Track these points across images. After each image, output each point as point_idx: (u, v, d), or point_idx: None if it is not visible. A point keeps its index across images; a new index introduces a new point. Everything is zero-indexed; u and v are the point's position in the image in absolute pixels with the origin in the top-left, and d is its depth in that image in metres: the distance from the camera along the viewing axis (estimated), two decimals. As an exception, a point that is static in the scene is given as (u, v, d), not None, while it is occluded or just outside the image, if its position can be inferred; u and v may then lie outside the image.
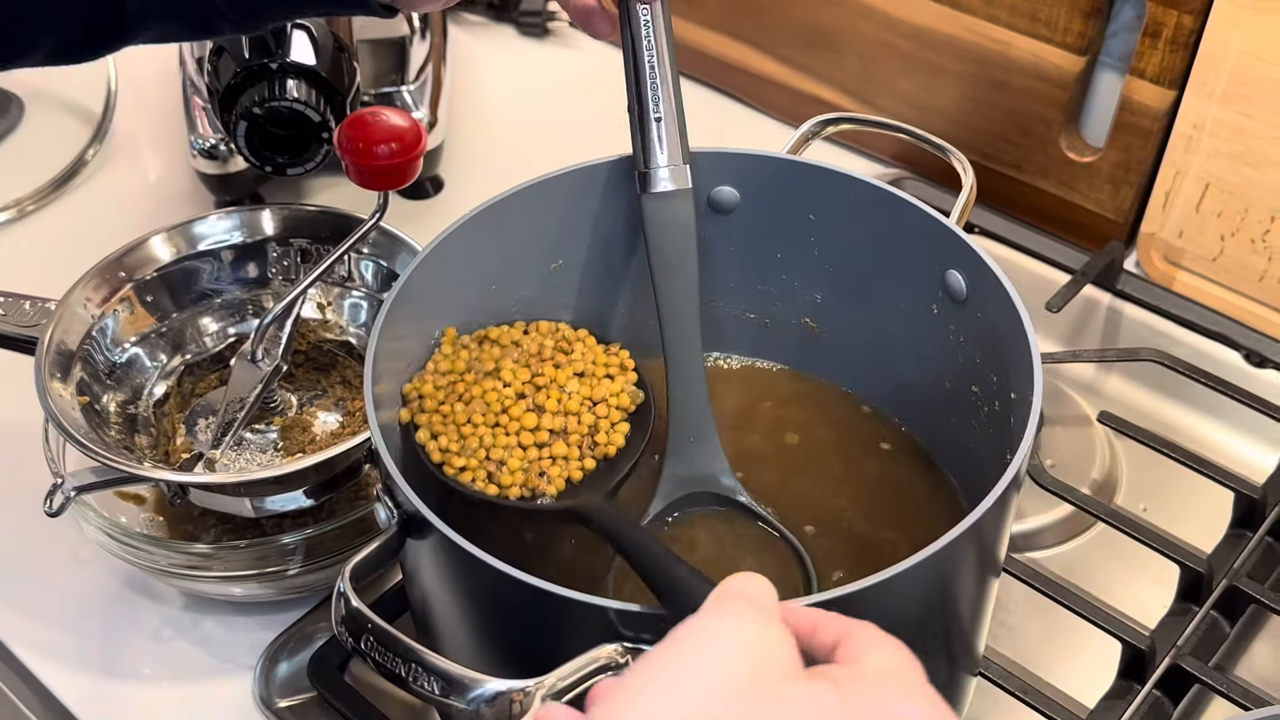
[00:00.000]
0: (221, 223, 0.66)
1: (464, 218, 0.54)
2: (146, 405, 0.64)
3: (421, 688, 0.40)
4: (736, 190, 0.57)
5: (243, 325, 0.67)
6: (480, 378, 0.52)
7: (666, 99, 0.52)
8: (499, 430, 0.51)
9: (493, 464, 0.50)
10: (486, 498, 0.49)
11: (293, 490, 0.60)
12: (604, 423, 0.51)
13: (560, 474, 0.50)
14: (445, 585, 0.47)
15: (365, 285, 0.67)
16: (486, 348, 0.53)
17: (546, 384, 0.52)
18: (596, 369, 0.53)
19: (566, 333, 0.54)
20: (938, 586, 0.46)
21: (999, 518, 0.47)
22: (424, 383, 0.52)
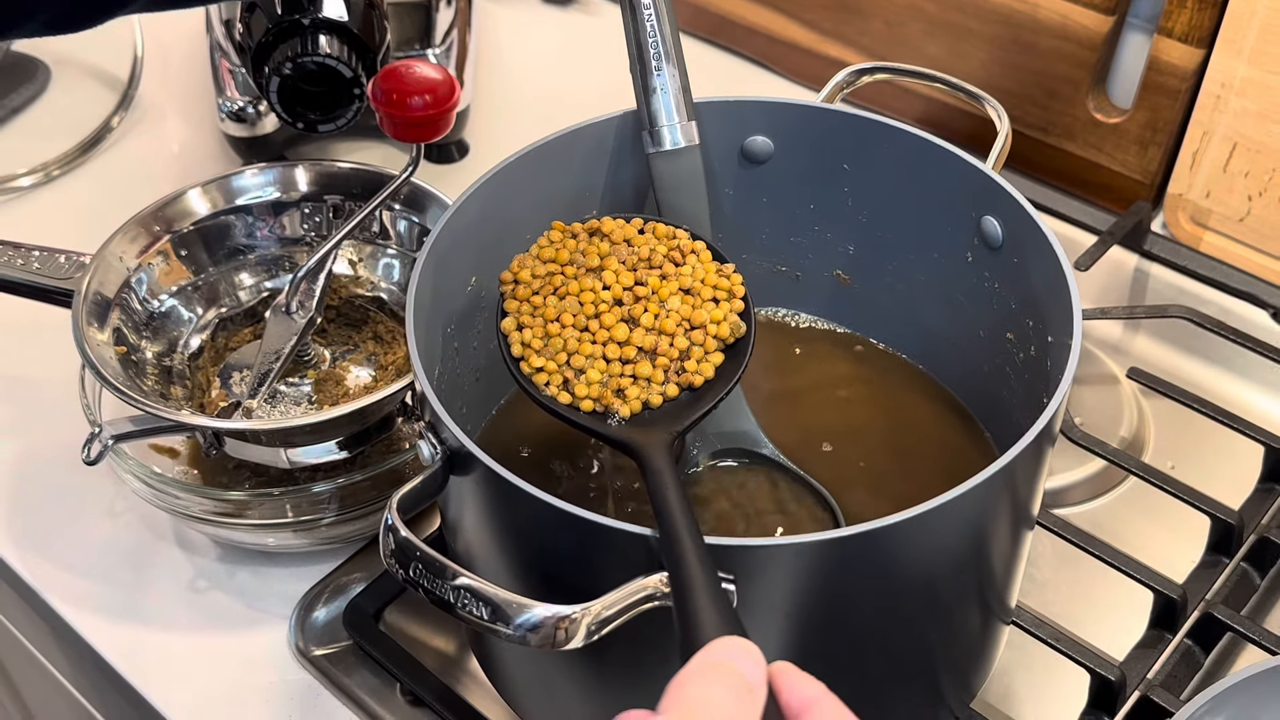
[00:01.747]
0: (256, 178, 0.66)
1: (501, 164, 0.55)
2: (182, 358, 0.64)
3: (470, 614, 0.41)
4: (770, 140, 0.58)
5: (276, 281, 0.67)
6: (581, 274, 0.49)
7: (667, 55, 0.52)
8: (586, 336, 0.48)
9: (571, 371, 0.48)
10: (558, 406, 0.48)
11: (327, 440, 0.61)
12: (697, 350, 0.48)
13: (638, 395, 0.48)
14: (487, 521, 0.47)
15: (398, 241, 0.68)
16: (595, 241, 0.51)
17: (647, 295, 0.49)
18: (703, 289, 0.49)
19: (683, 241, 0.51)
20: (971, 533, 0.47)
21: (1034, 462, 0.48)
22: (523, 268, 0.50)
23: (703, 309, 0.49)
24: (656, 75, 0.52)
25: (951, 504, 0.43)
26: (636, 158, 0.58)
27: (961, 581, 0.48)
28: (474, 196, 0.54)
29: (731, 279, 0.50)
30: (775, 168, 0.59)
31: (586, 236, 0.51)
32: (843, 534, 0.42)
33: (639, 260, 0.50)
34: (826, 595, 0.44)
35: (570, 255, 0.50)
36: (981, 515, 0.46)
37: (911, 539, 0.44)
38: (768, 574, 0.43)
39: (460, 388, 0.57)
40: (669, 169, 0.53)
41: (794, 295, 0.63)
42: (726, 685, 0.34)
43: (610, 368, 0.48)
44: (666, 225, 0.51)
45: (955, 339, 0.58)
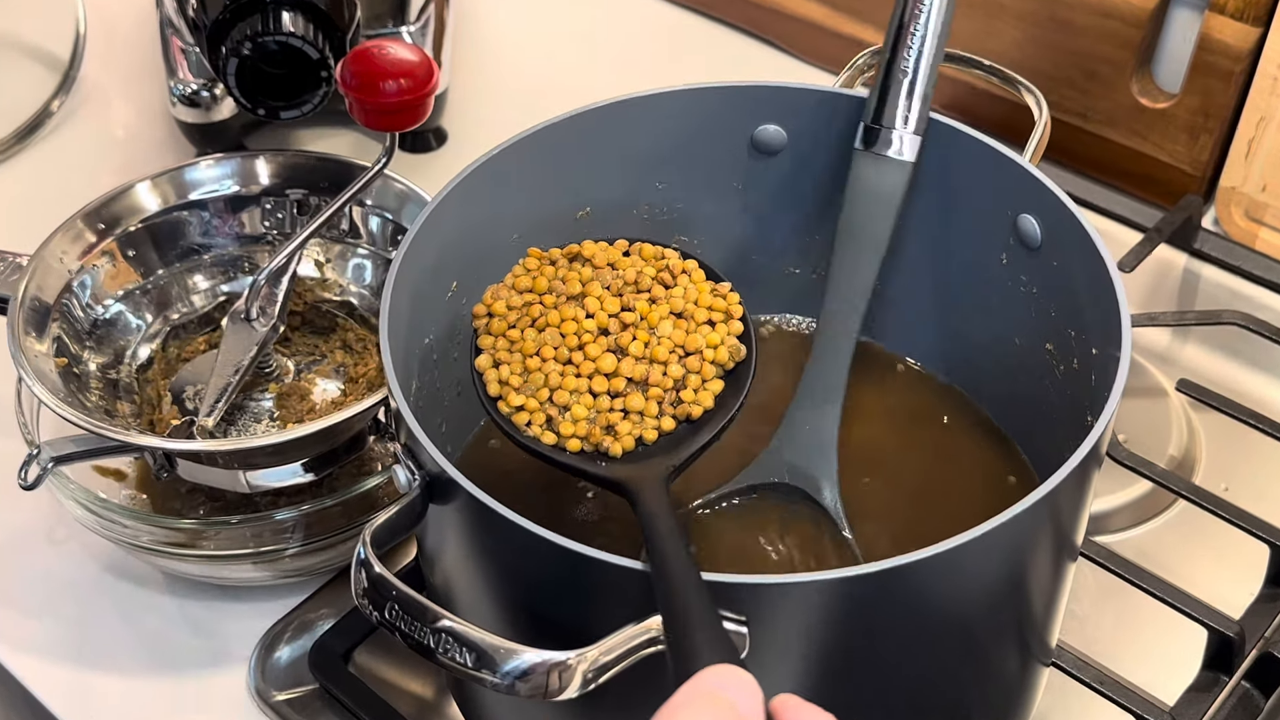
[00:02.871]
0: (212, 170, 0.66)
1: (486, 156, 0.54)
2: (129, 370, 0.64)
3: (452, 660, 0.40)
4: (783, 129, 0.58)
5: (234, 284, 0.67)
6: (561, 302, 0.49)
7: (926, 55, 0.51)
8: (570, 370, 0.48)
9: (555, 408, 0.48)
10: (541, 448, 0.48)
11: (292, 462, 0.60)
12: (693, 378, 0.48)
13: (630, 431, 0.48)
14: (471, 555, 0.47)
15: (370, 240, 0.67)
16: (576, 267, 0.51)
17: (635, 322, 0.49)
18: (697, 311, 0.49)
19: (672, 261, 0.51)
20: (1008, 568, 0.46)
21: (1078, 488, 0.47)
22: (496, 299, 0.50)
23: (697, 333, 0.49)
24: (906, 66, 0.51)
25: (986, 537, 0.42)
26: (635, 148, 0.57)
27: (998, 621, 0.48)
28: (456, 191, 0.53)
29: (728, 299, 0.50)
30: (787, 160, 0.58)
31: (566, 262, 0.51)
32: (866, 571, 0.41)
33: (624, 284, 0.50)
34: (848, 638, 0.44)
35: (549, 283, 0.50)
36: (1020, 548, 0.46)
37: (942, 576, 0.44)
38: (783, 615, 0.42)
39: (440, 403, 0.57)
40: (874, 177, 0.52)
41: (810, 301, 0.62)
42: (716, 716, 0.33)
43: (598, 402, 0.48)
44: (654, 246, 0.51)
45: (988, 350, 0.58)
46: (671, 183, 0.59)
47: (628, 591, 0.42)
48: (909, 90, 0.52)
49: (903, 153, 0.53)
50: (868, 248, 0.53)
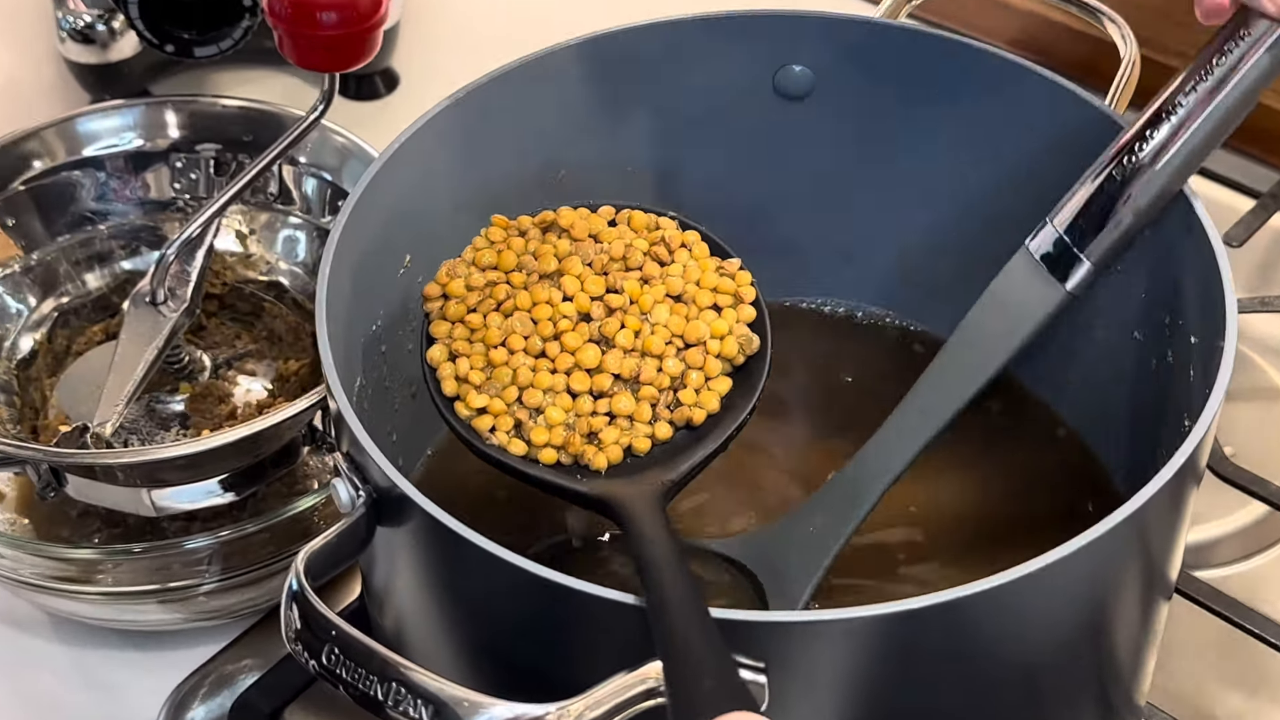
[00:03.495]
0: (110, 120, 0.67)
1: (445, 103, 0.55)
2: (7, 366, 0.64)
3: (405, 715, 0.41)
4: (811, 69, 0.58)
5: (137, 260, 0.68)
6: (533, 282, 0.49)
7: (1162, 181, 0.49)
8: (543, 364, 0.48)
9: (525, 411, 0.48)
10: (508, 459, 0.48)
11: (207, 478, 0.61)
12: (694, 375, 0.48)
13: (617, 440, 0.48)
14: (427, 588, 0.47)
15: (304, 207, 0.68)
16: (551, 239, 0.50)
17: (623, 306, 0.49)
18: (700, 294, 0.49)
19: (669, 233, 0.50)
20: (1086, 604, 0.47)
21: (1172, 508, 0.48)
22: (453, 278, 0.50)
23: (700, 320, 0.49)
24: (1133, 195, 0.50)
25: (1058, 567, 0.43)
26: (627, 93, 0.58)
27: (1072, 671, 0.48)
28: (409, 146, 0.54)
29: (737, 279, 0.50)
30: (817, 107, 0.59)
31: (538, 233, 0.51)
32: (914, 606, 0.42)
33: (610, 261, 0.50)
34: (889, 689, 0.44)
35: (517, 258, 0.50)
36: (1100, 581, 0.46)
37: (1005, 614, 0.44)
38: (810, 660, 0.43)
39: (390, 405, 0.57)
40: (1023, 287, 0.52)
41: (840, 280, 0.63)
42: None
43: (578, 404, 0.48)
44: (647, 213, 0.51)
45: (1063, 341, 0.58)
46: (671, 137, 0.60)
47: (620, 632, 0.43)
48: (1119, 222, 0.51)
49: (1070, 283, 0.52)
50: (982, 362, 0.53)
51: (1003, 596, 0.42)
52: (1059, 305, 0.52)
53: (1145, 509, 0.44)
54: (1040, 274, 0.51)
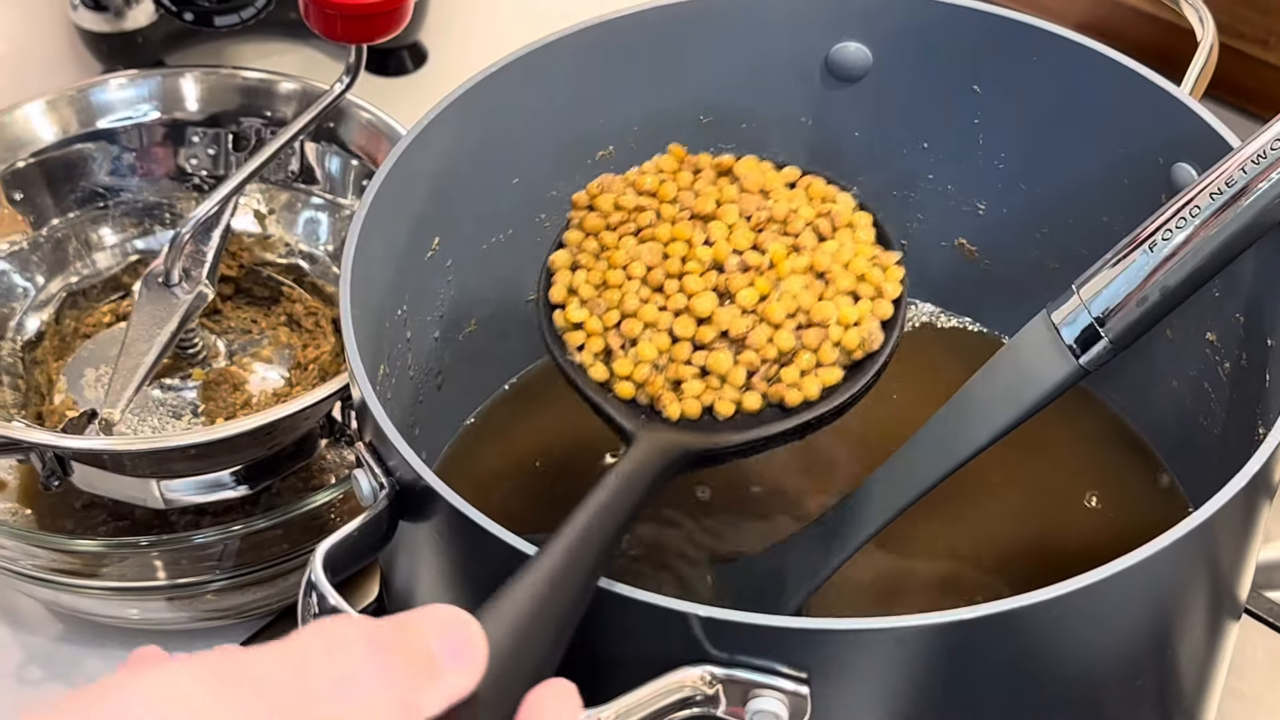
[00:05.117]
0: (126, 91, 0.67)
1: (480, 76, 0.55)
2: (12, 347, 0.65)
3: (428, 716, 0.41)
4: (867, 48, 0.58)
5: (149, 239, 0.68)
6: (682, 217, 0.49)
7: (1193, 260, 0.49)
8: (656, 298, 0.48)
9: (619, 338, 0.48)
10: (585, 382, 0.48)
11: (219, 469, 0.61)
12: (806, 356, 0.48)
13: (699, 395, 0.48)
14: (452, 587, 0.47)
15: (326, 186, 0.68)
16: (721, 183, 0.51)
17: (760, 266, 0.48)
18: (842, 276, 0.49)
19: (840, 209, 0.50)
20: (1148, 622, 0.47)
21: (1243, 522, 0.48)
22: (605, 192, 0.50)
23: (832, 302, 0.48)
24: (1166, 278, 0.49)
25: (1121, 579, 0.43)
26: (670, 70, 0.58)
27: (1132, 689, 0.48)
28: (440, 122, 0.54)
29: (888, 272, 0.50)
30: (873, 88, 0.59)
31: (713, 175, 0.51)
32: (966, 616, 0.42)
33: (770, 219, 0.50)
34: (937, 702, 0.45)
35: (677, 191, 0.50)
36: (1165, 597, 0.46)
37: (1062, 627, 0.44)
38: (856, 670, 0.43)
39: (414, 397, 0.58)
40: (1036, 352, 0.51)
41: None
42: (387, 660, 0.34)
43: (675, 349, 0.48)
44: (829, 184, 0.51)
45: (1130, 341, 0.58)
46: (719, 116, 0.60)
47: (653, 636, 0.43)
48: (1145, 299, 0.50)
49: (1085, 358, 0.51)
50: (975, 429, 0.52)
51: (1061, 609, 0.42)
52: (1069, 378, 0.51)
53: (1213, 522, 0.44)
54: (1056, 343, 0.51)
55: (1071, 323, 0.51)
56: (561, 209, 0.60)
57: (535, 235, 0.60)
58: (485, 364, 0.62)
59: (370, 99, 0.67)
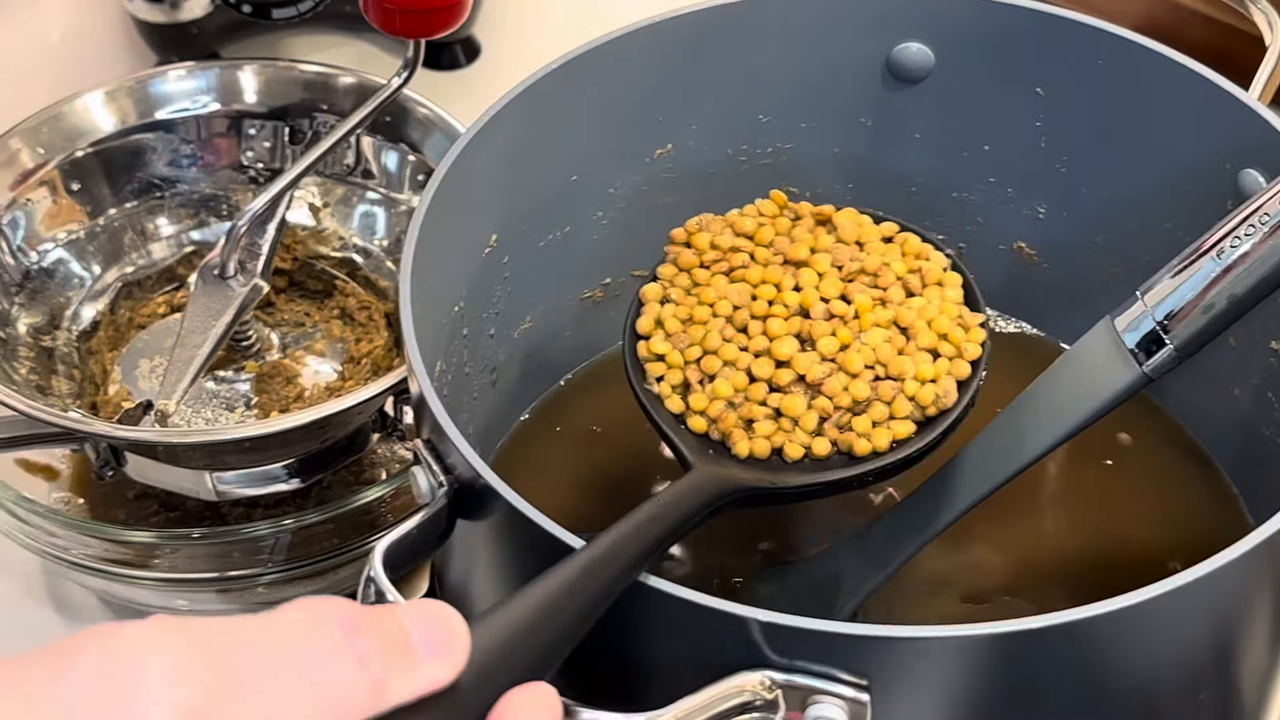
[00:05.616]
0: (185, 83, 0.67)
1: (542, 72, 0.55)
2: (68, 336, 0.65)
3: (486, 717, 0.41)
4: (929, 49, 0.58)
5: (205, 231, 0.68)
6: (775, 261, 0.51)
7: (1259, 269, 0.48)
8: (739, 338, 0.50)
9: (698, 373, 0.49)
10: (660, 413, 0.50)
11: (272, 462, 0.61)
12: (879, 408, 0.49)
13: (769, 436, 0.49)
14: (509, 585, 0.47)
15: (383, 181, 0.68)
16: (818, 230, 0.52)
17: (845, 315, 0.49)
18: (923, 332, 0.49)
19: (933, 267, 0.51)
20: (1211, 636, 0.47)
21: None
22: (702, 230, 0.52)
23: (911, 357, 0.49)
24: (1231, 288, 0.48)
25: (1185, 591, 0.42)
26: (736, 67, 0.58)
27: (1194, 705, 0.48)
28: (500, 119, 0.54)
29: (970, 333, 0.50)
30: (934, 89, 0.59)
31: (811, 222, 0.52)
32: (1029, 626, 0.42)
33: (861, 270, 0.51)
34: (999, 713, 0.45)
35: (773, 236, 0.52)
36: (1228, 610, 0.46)
37: (1125, 639, 0.44)
38: (917, 678, 0.43)
39: (468, 393, 0.58)
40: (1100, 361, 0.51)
41: (954, 276, 0.63)
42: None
43: (751, 389, 0.49)
44: (924, 241, 0.52)
45: (1191, 349, 0.58)
46: (778, 115, 0.60)
47: (713, 639, 0.43)
48: (1211, 307, 0.49)
49: (1149, 365, 0.50)
50: (1038, 435, 0.51)
51: (1124, 620, 0.42)
52: (1131, 386, 0.50)
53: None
54: (1119, 349, 0.50)
55: (1135, 329, 0.50)
56: (618, 206, 0.60)
57: (593, 233, 0.60)
58: (540, 361, 0.62)
59: (422, 93, 0.67)
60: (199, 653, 0.33)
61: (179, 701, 0.32)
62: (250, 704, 0.33)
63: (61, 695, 0.32)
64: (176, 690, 0.32)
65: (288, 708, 0.33)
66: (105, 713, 0.32)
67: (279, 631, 0.34)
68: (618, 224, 0.60)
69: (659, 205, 0.60)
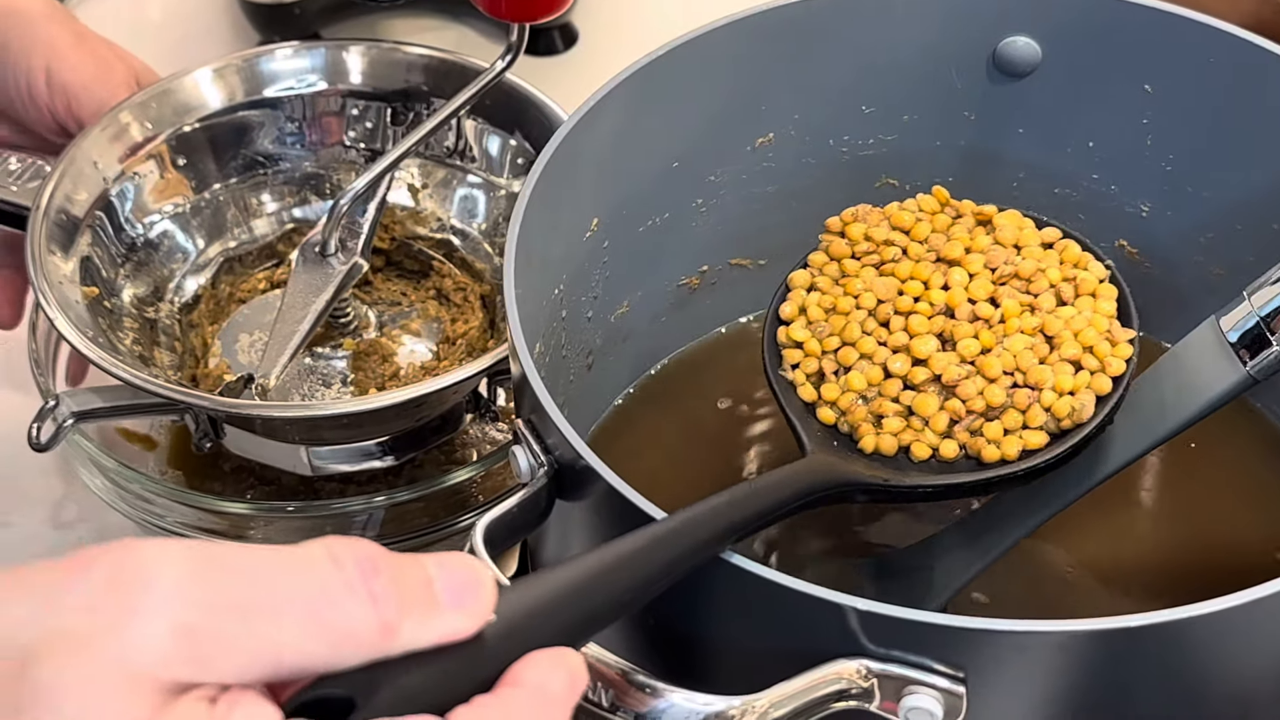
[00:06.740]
0: (293, 61, 0.68)
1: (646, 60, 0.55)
2: (170, 309, 0.66)
3: (585, 696, 0.41)
4: (1036, 43, 0.58)
5: (308, 209, 0.69)
6: (928, 258, 0.51)
7: None
8: (880, 332, 0.50)
9: (834, 364, 0.50)
10: (790, 400, 0.50)
11: (367, 439, 0.62)
12: (1013, 416, 0.48)
13: (898, 433, 0.49)
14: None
15: (484, 165, 0.68)
16: (976, 230, 0.52)
17: (990, 318, 0.49)
18: (1069, 344, 0.49)
19: (1089, 277, 0.50)
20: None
21: None
22: (857, 221, 0.52)
23: (1052, 367, 0.49)
24: None
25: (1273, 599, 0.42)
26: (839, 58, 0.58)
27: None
28: (605, 105, 0.55)
29: (1117, 349, 0.49)
30: (1040, 84, 0.58)
31: (971, 221, 0.52)
32: (1129, 624, 0.41)
33: (1014, 273, 0.50)
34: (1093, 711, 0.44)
35: (929, 233, 0.52)
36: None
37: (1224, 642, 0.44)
38: (1014, 672, 0.43)
39: (564, 375, 0.58)
40: (1205, 361, 0.50)
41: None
42: None
43: (885, 385, 0.49)
44: (1084, 249, 0.51)
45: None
46: (881, 107, 0.60)
47: (810, 626, 0.43)
48: None
49: (1254, 366, 0.49)
50: (1137, 438, 0.51)
51: (1226, 622, 0.42)
52: (1235, 386, 0.50)
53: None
54: (1224, 349, 0.50)
55: (1241, 329, 0.50)
56: (718, 194, 0.60)
57: (691, 219, 0.60)
58: (635, 346, 0.62)
59: (522, 76, 0.67)
60: (207, 574, 0.33)
61: (176, 616, 0.33)
62: (249, 628, 0.33)
63: (68, 604, 0.33)
64: (176, 606, 0.33)
65: (287, 636, 0.34)
66: (105, 622, 0.33)
67: (294, 563, 0.34)
68: (716, 212, 0.60)
69: (757, 195, 0.60)
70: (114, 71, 0.65)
